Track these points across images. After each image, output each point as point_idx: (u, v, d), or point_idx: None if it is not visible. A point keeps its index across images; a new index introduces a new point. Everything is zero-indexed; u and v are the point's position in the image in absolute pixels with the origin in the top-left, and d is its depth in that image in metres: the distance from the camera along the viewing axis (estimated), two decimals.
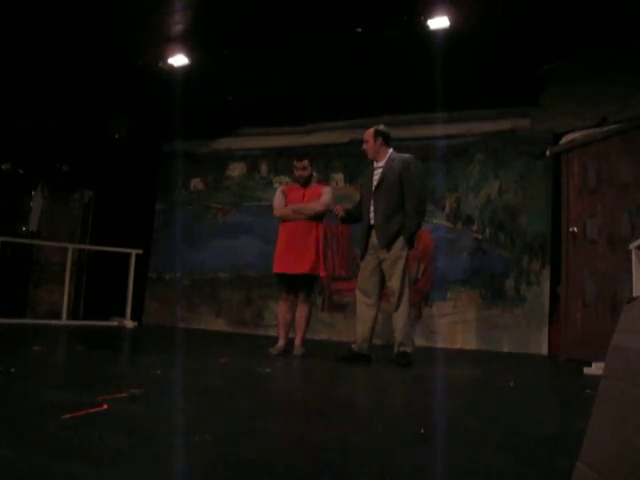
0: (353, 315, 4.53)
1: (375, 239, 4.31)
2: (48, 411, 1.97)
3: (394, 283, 4.21)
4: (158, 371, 3.24)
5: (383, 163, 4.40)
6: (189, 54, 6.21)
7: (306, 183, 4.75)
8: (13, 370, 2.87)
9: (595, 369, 4.02)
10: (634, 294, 3.90)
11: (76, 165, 8.17)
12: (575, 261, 5.21)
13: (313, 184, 4.79)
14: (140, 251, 7.40)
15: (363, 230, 4.44)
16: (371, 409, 2.54)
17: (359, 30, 5.46)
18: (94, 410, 1.97)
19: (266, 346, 4.74)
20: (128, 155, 8.04)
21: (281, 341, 4.64)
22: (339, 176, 7.25)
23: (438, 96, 5.82)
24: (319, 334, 6.74)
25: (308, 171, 4.75)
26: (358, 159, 6.27)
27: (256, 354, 4.73)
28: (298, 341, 4.66)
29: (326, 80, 6.69)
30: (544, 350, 5.92)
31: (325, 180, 6.90)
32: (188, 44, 6.03)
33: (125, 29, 5.71)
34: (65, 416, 1.84)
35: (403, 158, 4.37)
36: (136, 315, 7.45)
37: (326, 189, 4.79)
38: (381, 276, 4.32)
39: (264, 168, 7.78)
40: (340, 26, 5.44)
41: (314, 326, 6.01)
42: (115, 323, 7.15)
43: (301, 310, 4.67)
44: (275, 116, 7.51)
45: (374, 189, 4.37)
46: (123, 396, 2.30)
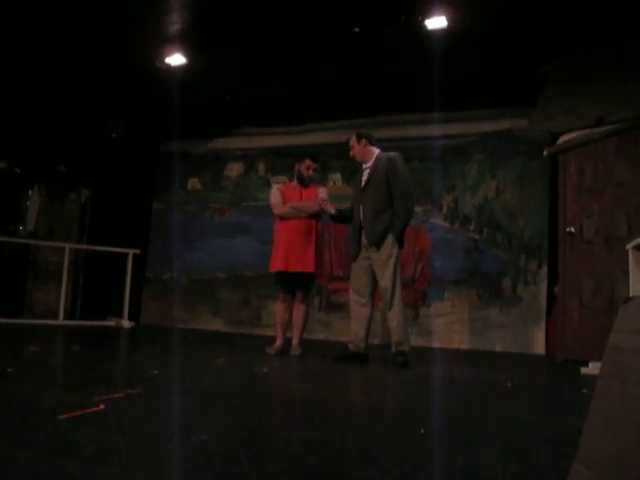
0: (350, 315, 4.53)
1: (365, 238, 4.33)
2: (45, 411, 1.97)
3: (386, 282, 4.21)
4: (155, 371, 3.24)
5: (371, 163, 4.43)
6: (186, 53, 6.21)
7: (308, 183, 4.78)
8: (10, 370, 2.86)
9: (592, 369, 4.02)
10: (631, 294, 3.91)
11: (73, 164, 8.17)
12: (572, 261, 5.22)
13: (311, 185, 4.81)
14: (137, 251, 7.39)
15: (354, 230, 4.45)
16: (369, 409, 2.54)
17: (356, 30, 5.47)
18: (91, 410, 1.96)
19: (264, 346, 4.74)
20: (125, 154, 8.04)
21: (279, 341, 4.64)
22: (337, 176, 7.25)
23: (436, 96, 5.84)
24: (317, 334, 6.74)
25: (315, 172, 4.84)
26: (355, 160, 6.25)
27: (254, 354, 4.73)
28: (295, 341, 4.66)
29: (324, 80, 6.69)
30: (541, 350, 5.93)
31: (323, 180, 6.90)
32: (185, 43, 6.03)
33: (122, 28, 5.70)
34: (62, 416, 1.83)
35: (389, 156, 4.37)
36: (133, 315, 7.45)
37: (322, 189, 4.84)
38: (373, 275, 4.32)
39: (262, 168, 7.78)
40: (338, 26, 5.45)
41: (311, 326, 6.01)
42: (112, 323, 7.14)
43: (298, 310, 4.67)
44: (273, 116, 7.51)
45: (362, 189, 4.40)
46: (120, 396, 2.30)
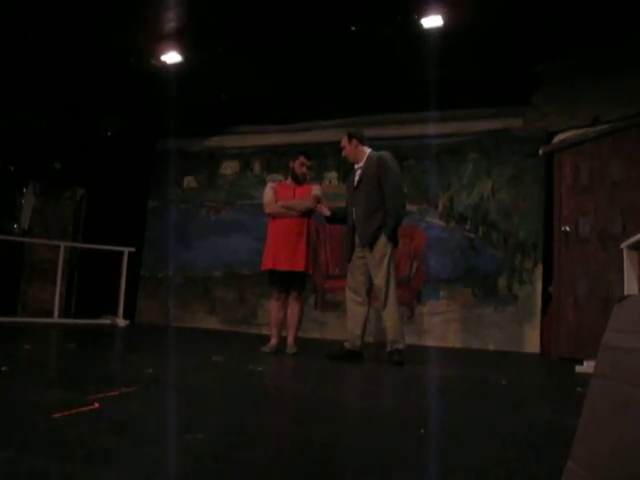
0: (345, 313, 4.54)
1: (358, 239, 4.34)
2: (39, 410, 1.96)
3: (380, 281, 4.21)
4: (150, 370, 3.23)
5: (362, 163, 4.43)
6: (182, 51, 6.19)
7: (302, 181, 4.78)
8: (4, 369, 2.85)
9: (586, 367, 4.04)
10: (625, 293, 3.92)
11: (68, 162, 8.13)
12: (567, 260, 5.23)
13: (304, 183, 4.82)
14: (133, 249, 7.37)
15: (348, 231, 4.46)
16: (366, 407, 2.54)
17: (353, 28, 5.46)
18: (85, 409, 1.96)
19: (259, 344, 4.74)
20: (120, 153, 8.02)
21: (274, 339, 4.65)
22: (332, 175, 7.25)
23: (431, 95, 5.83)
24: (312, 332, 6.74)
25: (309, 170, 4.85)
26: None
27: (249, 352, 4.72)
28: (290, 339, 4.67)
29: (320, 78, 6.68)
30: (536, 348, 5.95)
31: (319, 179, 6.90)
32: (181, 41, 6.01)
33: (118, 26, 5.68)
34: (56, 415, 1.83)
35: (379, 156, 4.38)
36: (128, 313, 7.43)
37: (315, 187, 4.84)
38: (369, 274, 4.33)
39: (257, 166, 7.77)
40: (334, 24, 5.44)
41: (306, 324, 6.01)
42: (107, 321, 7.13)
43: (293, 308, 4.67)
44: (268, 114, 7.50)
45: (354, 189, 4.40)
46: (115, 395, 2.29)
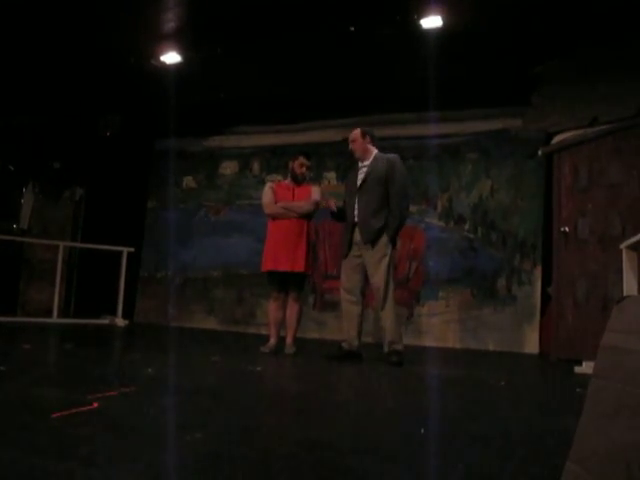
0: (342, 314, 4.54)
1: (358, 236, 4.32)
2: (38, 410, 1.96)
3: (379, 281, 4.21)
4: (149, 369, 3.23)
5: (369, 162, 4.42)
6: (181, 52, 6.19)
7: (302, 181, 4.78)
8: (3, 368, 2.85)
9: (585, 368, 4.04)
10: (624, 294, 3.92)
11: (67, 162, 8.13)
12: (566, 261, 5.23)
13: (303, 184, 4.81)
14: (132, 249, 7.37)
15: (347, 227, 4.44)
16: (365, 408, 2.54)
17: (352, 29, 5.46)
18: (84, 409, 1.96)
19: (258, 344, 4.74)
20: (120, 153, 8.02)
21: (272, 339, 4.64)
22: (331, 175, 7.25)
23: (431, 95, 5.83)
24: (310, 332, 6.74)
25: (308, 170, 4.85)
26: (351, 158, 6.24)
27: (248, 352, 4.72)
28: (289, 339, 4.67)
29: (319, 78, 6.68)
30: (535, 349, 5.95)
31: (317, 178, 6.91)
32: (180, 42, 6.01)
33: (117, 26, 5.68)
34: (55, 414, 1.82)
35: (389, 158, 4.39)
36: (127, 313, 7.42)
37: (315, 188, 4.84)
38: (364, 274, 4.33)
39: (256, 166, 7.77)
40: (333, 25, 5.44)
41: (305, 325, 6.01)
42: (106, 321, 7.12)
43: (292, 308, 4.67)
44: (268, 114, 7.50)
45: (359, 187, 4.39)
46: (114, 394, 2.29)
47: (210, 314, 7.68)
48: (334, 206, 4.56)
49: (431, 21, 5.29)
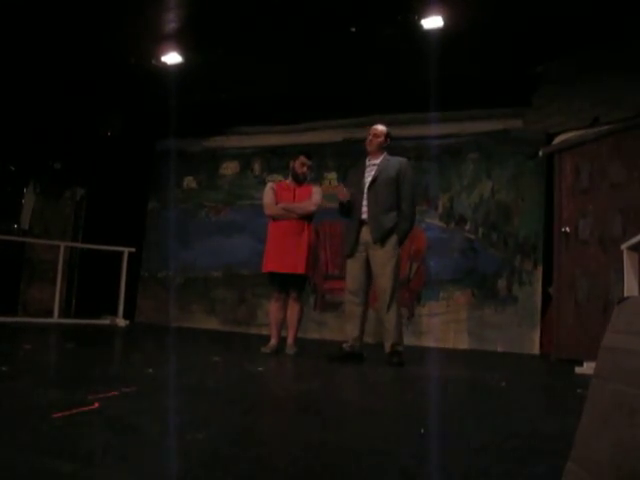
0: (344, 315, 4.53)
1: (366, 234, 4.27)
2: (39, 410, 1.96)
3: (385, 283, 4.18)
4: (150, 370, 3.23)
5: (378, 161, 4.40)
6: (183, 52, 6.20)
7: (302, 181, 4.78)
8: (4, 369, 2.85)
9: (586, 368, 4.04)
10: (625, 294, 3.92)
11: (68, 162, 8.14)
12: (567, 261, 5.23)
13: (304, 184, 4.81)
14: (132, 249, 7.37)
15: (353, 225, 4.38)
16: (366, 409, 2.54)
17: (353, 29, 5.46)
18: (85, 409, 1.96)
19: (259, 345, 4.74)
20: (121, 153, 8.02)
21: (273, 340, 4.64)
22: (332, 175, 7.25)
23: (432, 96, 5.82)
24: (311, 333, 6.74)
25: (309, 170, 4.83)
26: (352, 158, 6.27)
27: (249, 353, 4.72)
28: (290, 340, 4.66)
29: (320, 79, 6.69)
30: (536, 350, 5.95)
31: (318, 179, 6.91)
32: (182, 42, 6.02)
33: (119, 27, 5.69)
34: (56, 414, 1.82)
35: (400, 160, 4.40)
36: (128, 313, 7.42)
37: (316, 189, 4.82)
38: (369, 274, 4.31)
39: (257, 167, 7.77)
40: (334, 25, 5.45)
41: (306, 325, 6.02)
42: (107, 321, 7.12)
43: (293, 309, 4.67)
44: (269, 115, 7.50)
45: (369, 184, 4.35)
46: (115, 395, 2.29)
47: (211, 314, 7.68)
48: (348, 195, 4.37)
49: (432, 21, 5.30)
